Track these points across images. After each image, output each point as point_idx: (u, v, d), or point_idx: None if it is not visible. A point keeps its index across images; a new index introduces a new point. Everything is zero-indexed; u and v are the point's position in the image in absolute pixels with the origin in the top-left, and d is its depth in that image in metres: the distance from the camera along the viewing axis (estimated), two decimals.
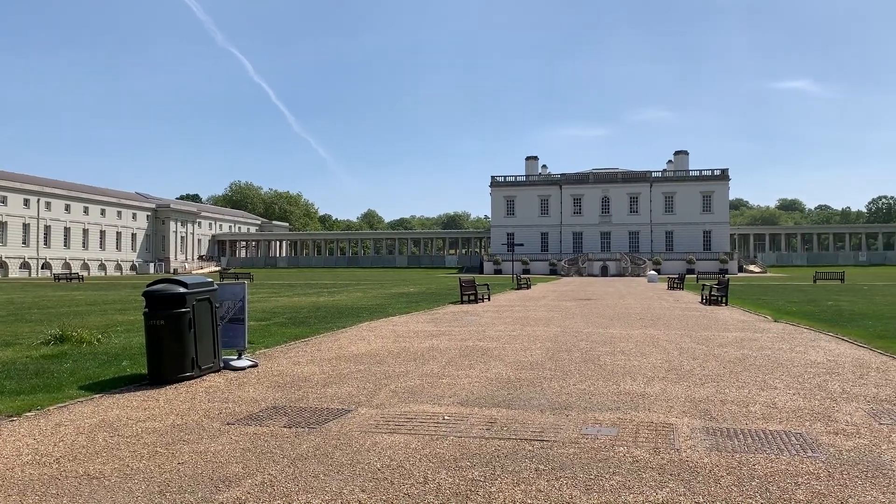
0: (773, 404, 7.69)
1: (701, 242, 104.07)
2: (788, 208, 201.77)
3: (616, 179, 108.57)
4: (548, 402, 7.84)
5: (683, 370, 10.14)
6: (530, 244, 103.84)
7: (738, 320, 19.02)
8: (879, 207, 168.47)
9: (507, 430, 6.54)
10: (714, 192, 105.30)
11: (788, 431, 6.45)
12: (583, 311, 23.01)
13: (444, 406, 7.66)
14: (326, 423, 6.86)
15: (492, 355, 11.79)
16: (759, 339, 14.29)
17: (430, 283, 52.03)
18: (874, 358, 11.37)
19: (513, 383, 9.05)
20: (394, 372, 10.03)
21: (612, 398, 8.04)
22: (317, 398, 8.17)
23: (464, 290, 27.77)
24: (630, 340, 14.04)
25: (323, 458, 5.69)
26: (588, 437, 6.27)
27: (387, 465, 5.48)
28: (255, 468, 5.41)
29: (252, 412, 7.43)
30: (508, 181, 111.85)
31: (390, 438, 6.27)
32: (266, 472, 5.32)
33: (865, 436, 6.30)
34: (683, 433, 6.39)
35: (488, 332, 15.83)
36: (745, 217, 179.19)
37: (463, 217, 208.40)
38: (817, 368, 10.26)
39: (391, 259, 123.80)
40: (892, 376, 9.53)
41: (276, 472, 5.30)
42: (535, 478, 5.10)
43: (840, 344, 13.32)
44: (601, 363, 10.84)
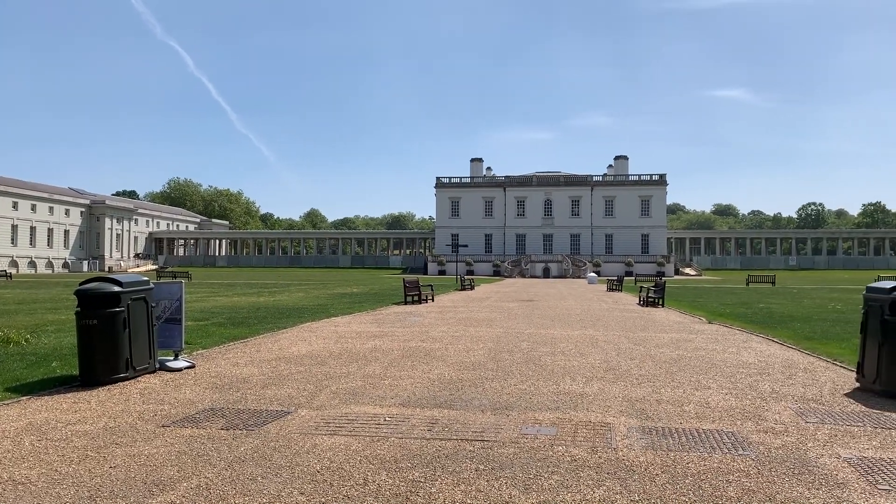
0: (706, 404, 7.91)
1: (639, 245, 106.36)
2: (723, 213, 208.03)
3: (559, 183, 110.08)
4: (489, 402, 7.89)
5: (621, 370, 10.35)
6: (474, 245, 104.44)
7: (674, 322, 19.51)
8: (809, 214, 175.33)
9: (448, 430, 6.57)
10: (652, 197, 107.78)
11: (721, 430, 6.64)
12: (525, 312, 23.25)
13: (386, 407, 7.64)
14: (265, 425, 6.76)
15: (434, 356, 11.81)
16: (694, 340, 14.68)
17: (373, 284, 51.78)
18: (802, 359, 11.82)
19: (455, 384, 9.08)
20: (335, 373, 9.95)
21: (551, 398, 8.15)
22: (256, 400, 8.04)
23: (407, 291, 27.74)
24: (570, 341, 14.25)
25: (261, 460, 5.60)
26: (528, 436, 6.34)
27: (326, 466, 5.43)
28: (190, 471, 5.30)
29: (188, 414, 7.27)
30: (453, 182, 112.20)
31: (330, 440, 6.22)
32: (202, 475, 5.21)
33: (793, 434, 6.54)
34: (620, 432, 6.52)
35: (431, 332, 15.85)
36: (681, 221, 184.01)
37: (408, 217, 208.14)
38: (749, 369, 10.60)
39: (334, 259, 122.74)
40: (819, 377, 9.92)
41: (213, 475, 5.20)
42: (475, 478, 5.13)
43: (770, 345, 13.79)
44: (542, 363, 10.97)
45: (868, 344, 8.62)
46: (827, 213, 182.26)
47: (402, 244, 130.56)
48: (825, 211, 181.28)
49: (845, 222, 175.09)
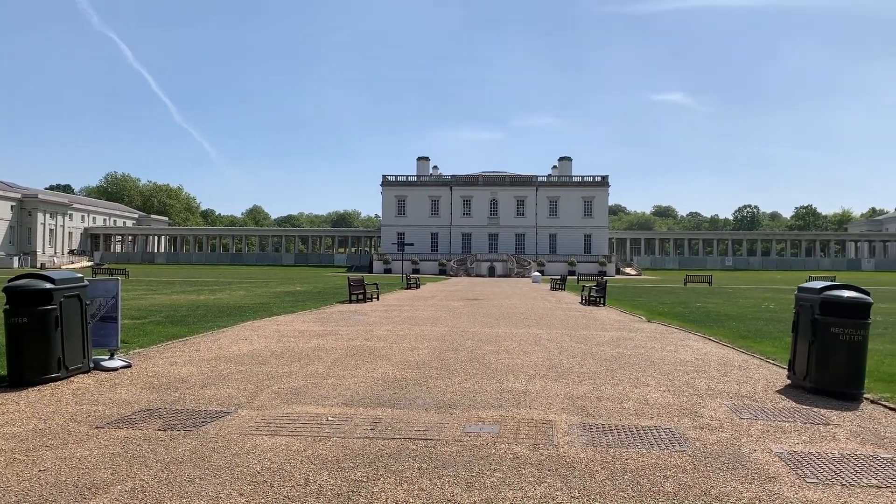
0: (645, 401, 8.08)
1: (582, 245, 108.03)
2: (663, 214, 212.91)
3: (504, 183, 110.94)
4: (433, 401, 7.90)
5: (563, 368, 10.49)
6: (420, 244, 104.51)
7: (615, 320, 19.87)
8: (744, 216, 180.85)
9: (391, 429, 6.54)
10: (595, 198, 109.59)
11: (659, 426, 6.79)
12: (470, 310, 23.35)
13: (329, 407, 7.56)
14: (204, 426, 6.62)
15: (379, 355, 11.75)
16: (634, 338, 14.98)
17: (317, 282, 51.26)
18: (737, 356, 12.18)
19: (399, 383, 9.06)
20: (277, 372, 9.80)
21: (495, 396, 8.20)
22: (194, 400, 7.87)
23: (352, 290, 27.55)
24: (514, 339, 14.37)
25: (199, 461, 5.48)
26: (471, 434, 6.36)
27: (267, 467, 5.35)
28: (125, 474, 5.15)
29: (124, 415, 7.06)
30: (400, 181, 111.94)
31: (271, 440, 6.13)
32: (137, 477, 5.07)
33: (728, 430, 6.73)
34: (562, 429, 6.60)
35: (376, 331, 15.77)
36: (623, 222, 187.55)
37: (353, 215, 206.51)
38: (686, 366, 10.87)
39: (277, 257, 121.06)
40: (753, 374, 10.23)
41: (149, 478, 5.06)
42: (417, 477, 5.12)
43: (707, 343, 14.17)
44: (486, 362, 11.03)
45: (799, 342, 8.93)
46: (761, 216, 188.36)
47: (347, 242, 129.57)
48: (760, 213, 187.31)
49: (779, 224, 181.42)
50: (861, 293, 8.47)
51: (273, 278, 60.21)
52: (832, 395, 8.29)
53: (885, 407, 7.84)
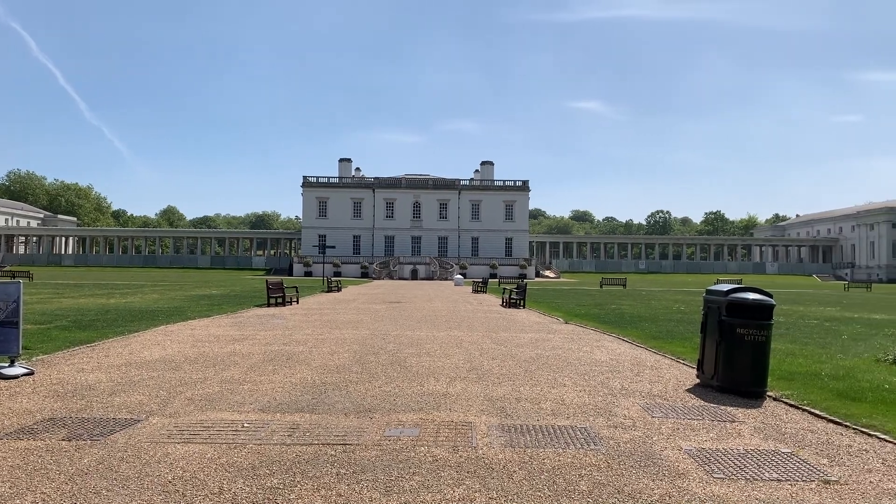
0: (562, 401, 8.24)
1: (503, 249, 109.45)
2: (580, 219, 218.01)
3: (427, 186, 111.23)
4: (352, 405, 7.82)
5: (483, 370, 10.58)
6: (342, 246, 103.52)
7: (534, 322, 20.21)
8: (657, 220, 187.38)
9: (309, 435, 6.44)
10: (516, 202, 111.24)
11: (575, 426, 6.94)
12: (392, 313, 23.28)
13: (245, 413, 7.39)
14: (112, 435, 6.35)
15: (298, 359, 11.56)
16: (552, 339, 15.27)
17: (234, 285, 50.05)
18: (649, 357, 12.58)
19: (318, 387, 8.93)
20: (191, 378, 9.51)
21: (415, 399, 8.19)
22: (102, 408, 7.54)
23: (271, 293, 27.02)
24: (436, 342, 14.41)
25: (107, 472, 5.25)
26: (391, 438, 6.34)
27: (179, 476, 5.17)
28: (25, 487, 4.88)
29: (25, 425, 6.69)
30: (321, 182, 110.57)
31: (184, 448, 5.93)
32: (39, 490, 4.82)
33: (640, 428, 6.94)
34: (481, 431, 6.66)
35: (295, 335, 15.52)
36: (542, 226, 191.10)
37: (272, 217, 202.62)
38: (601, 367, 11.16)
39: (193, 259, 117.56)
40: (664, 374, 10.59)
41: (51, 490, 4.81)
42: (335, 482, 5.06)
43: (621, 344, 14.59)
44: (407, 365, 11.02)
45: (707, 343, 9.30)
46: (673, 221, 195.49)
47: (266, 244, 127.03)
48: (672, 218, 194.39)
49: (689, 229, 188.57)
50: (764, 295, 8.89)
51: (188, 281, 58.43)
52: (738, 393, 8.67)
53: (786, 404, 8.25)
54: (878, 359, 11.89)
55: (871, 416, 7.47)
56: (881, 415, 7.53)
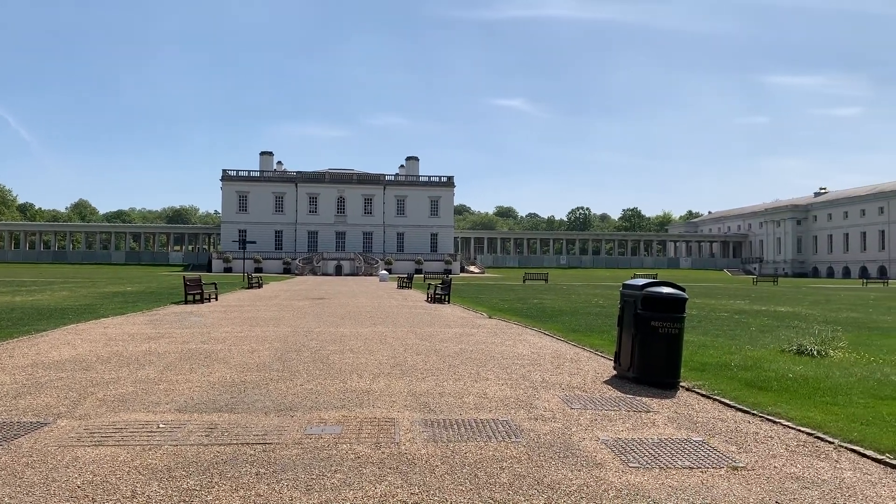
0: (484, 395, 8.33)
1: (429, 244, 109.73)
2: (504, 215, 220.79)
3: (352, 181, 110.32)
4: (273, 403, 7.69)
5: (407, 365, 10.58)
6: (264, 242, 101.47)
7: (459, 317, 20.35)
8: (577, 217, 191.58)
9: (228, 434, 6.29)
10: (441, 198, 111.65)
11: (497, 419, 7.02)
12: (315, 310, 22.99)
13: (160, 413, 7.15)
14: (17, 439, 6.04)
15: (216, 358, 11.28)
16: (476, 334, 15.41)
17: (151, 282, 48.40)
18: (569, 350, 12.86)
19: (237, 386, 8.74)
20: (102, 379, 9.14)
21: (338, 396, 8.12)
22: (6, 411, 7.16)
23: (189, 289, 26.26)
24: (359, 338, 14.31)
25: (10, 478, 4.99)
26: (312, 436, 6.26)
27: (89, 481, 4.97)
28: None
29: None
30: (242, 176, 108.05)
31: (94, 452, 5.70)
32: None
33: (560, 420, 7.08)
34: (404, 427, 6.66)
35: (214, 333, 15.13)
36: (467, 222, 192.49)
37: (190, 211, 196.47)
38: (523, 360, 11.33)
39: (106, 255, 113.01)
40: (583, 366, 10.84)
41: None
42: (255, 482, 4.97)
43: (542, 338, 14.85)
44: (330, 362, 10.90)
45: (624, 335, 9.57)
46: (593, 217, 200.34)
47: (183, 240, 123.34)
48: (591, 214, 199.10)
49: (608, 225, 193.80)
50: (678, 289, 9.21)
51: (101, 278, 56.16)
52: (653, 384, 8.96)
53: (698, 394, 8.58)
54: (783, 349, 12.50)
55: (776, 404, 7.85)
56: (785, 403, 7.92)
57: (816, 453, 5.96)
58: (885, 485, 5.13)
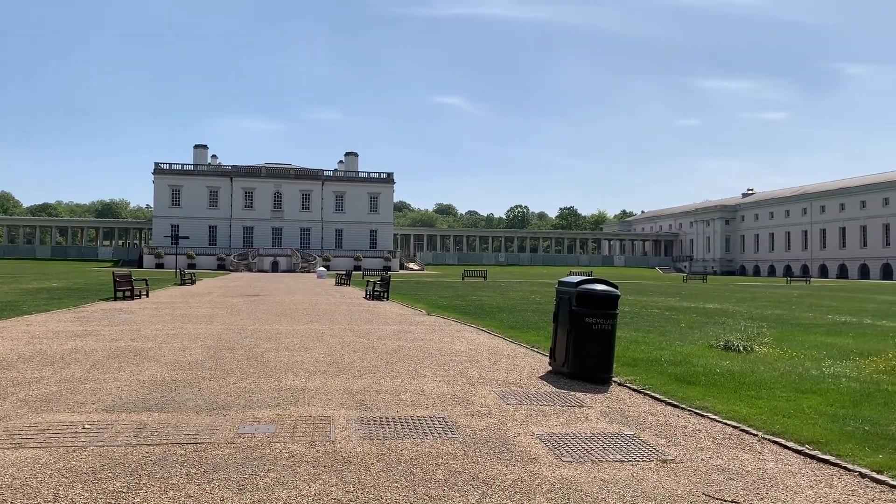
0: (421, 391, 8.34)
1: (368, 241, 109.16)
2: (444, 212, 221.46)
3: (289, 175, 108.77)
4: (205, 402, 7.52)
5: (344, 363, 10.51)
6: (197, 237, 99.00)
7: (397, 314, 20.32)
8: (516, 215, 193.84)
9: (157, 435, 6.13)
10: (381, 194, 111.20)
11: (433, 416, 7.04)
12: (250, 307, 22.61)
13: (86, 414, 6.91)
14: None
15: (146, 356, 10.97)
16: (414, 331, 15.42)
17: (78, 278, 46.71)
18: (506, 346, 12.99)
19: (168, 385, 8.52)
20: (24, 378, 8.78)
21: (272, 395, 8.00)
22: None
23: (118, 286, 25.45)
24: (295, 336, 14.14)
25: None
26: (245, 435, 6.15)
27: (7, 484, 4.76)
28: None
29: None
30: (175, 169, 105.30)
31: (15, 454, 5.46)
32: None
33: (495, 416, 7.14)
34: (340, 424, 6.61)
35: (144, 330, 14.71)
36: (407, 219, 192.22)
37: (121, 205, 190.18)
38: (461, 357, 11.39)
39: (30, 249, 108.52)
40: (519, 362, 10.97)
41: None
42: (185, 483, 4.85)
43: (480, 334, 14.96)
44: (264, 360, 10.74)
45: (559, 332, 9.72)
46: (531, 215, 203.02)
47: (113, 234, 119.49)
48: (529, 213, 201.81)
49: (545, 223, 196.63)
50: (611, 287, 9.42)
51: (24, 273, 53.92)
52: (587, 379, 9.13)
53: (630, 389, 8.79)
54: (711, 345, 12.92)
55: (704, 398, 8.11)
56: (713, 397, 8.18)
57: (741, 445, 6.18)
58: (804, 474, 5.35)
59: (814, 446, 6.04)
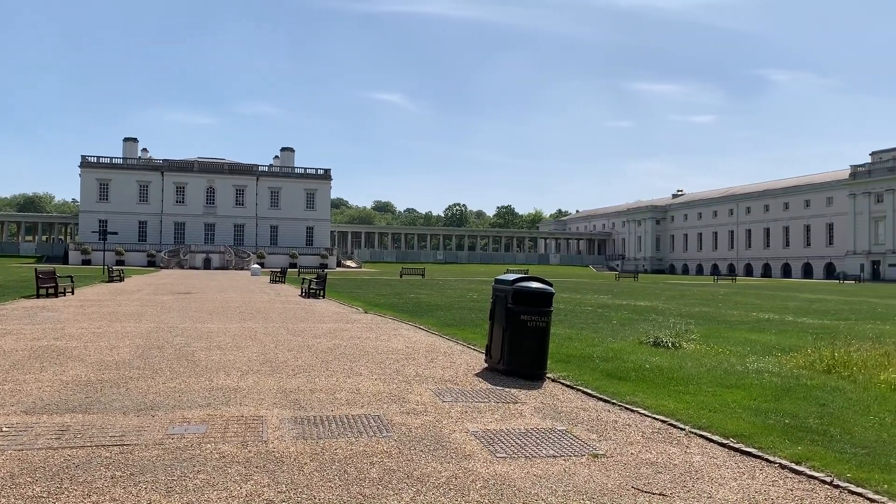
0: (357, 390, 8.28)
1: (304, 238, 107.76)
2: (382, 210, 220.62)
3: (223, 170, 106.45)
4: (133, 403, 7.29)
5: (278, 362, 10.35)
6: (127, 233, 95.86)
7: (333, 312, 20.13)
8: (454, 213, 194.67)
9: (81, 437, 5.91)
10: (317, 191, 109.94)
11: (368, 415, 7.00)
12: (181, 305, 22.04)
13: (4, 416, 6.61)
14: None
15: (70, 356, 10.57)
16: (350, 329, 15.31)
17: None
18: (443, 343, 13.03)
19: (93, 385, 8.23)
20: None
21: (203, 394, 7.82)
22: None
23: (41, 283, 24.44)
24: (228, 334, 13.86)
25: None
26: (174, 436, 5.99)
27: None
28: None
29: None
30: (103, 163, 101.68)
31: None
32: None
33: (431, 413, 7.16)
34: (273, 424, 6.51)
35: (68, 329, 14.17)
36: (345, 216, 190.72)
37: (45, 199, 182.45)
38: (397, 355, 11.37)
39: None
40: (456, 359, 11.02)
41: None
42: (110, 486, 4.69)
43: (417, 332, 14.96)
44: (195, 359, 10.48)
45: (495, 329, 9.80)
46: (469, 213, 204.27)
47: (37, 229, 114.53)
48: (468, 211, 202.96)
49: (483, 222, 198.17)
50: (546, 284, 9.55)
51: None
52: (522, 376, 9.24)
53: (563, 385, 8.93)
54: (642, 341, 13.24)
55: (634, 393, 8.30)
56: (642, 392, 8.39)
57: (669, 439, 6.36)
58: (728, 467, 5.54)
59: (737, 439, 6.25)
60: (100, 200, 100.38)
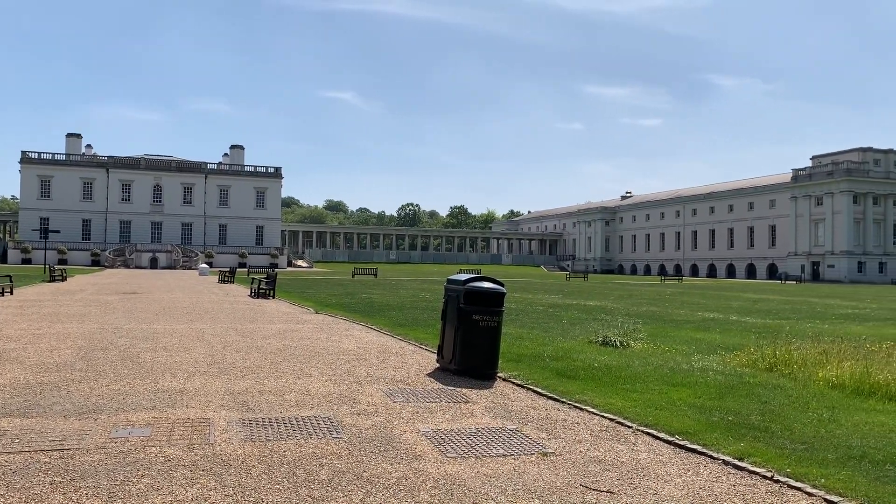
0: (307, 391, 8.20)
1: (254, 237, 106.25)
2: (334, 209, 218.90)
3: (170, 168, 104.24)
4: (74, 406, 7.08)
5: (226, 363, 10.18)
6: (69, 231, 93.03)
7: (284, 312, 19.90)
8: (407, 213, 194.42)
9: (19, 442, 5.72)
10: (268, 189, 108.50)
11: (318, 416, 6.94)
12: (126, 305, 21.51)
13: None
14: None
15: (8, 357, 10.22)
16: (301, 329, 15.15)
17: None
18: (395, 344, 12.99)
19: (32, 388, 7.96)
20: None
21: (148, 397, 7.64)
22: None
23: None
24: (174, 335, 13.57)
25: None
26: (118, 440, 5.85)
27: None
28: None
29: None
30: (44, 159, 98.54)
31: None
32: None
33: (382, 414, 7.13)
34: (220, 427, 6.40)
35: (6, 330, 13.69)
36: (296, 215, 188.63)
37: None
38: (349, 355, 11.29)
39: None
40: (408, 360, 11.00)
41: None
42: (49, 493, 4.55)
43: (369, 332, 14.89)
44: (140, 361, 10.24)
45: (447, 329, 9.81)
46: (422, 213, 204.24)
47: None
48: (421, 211, 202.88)
49: (437, 222, 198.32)
50: (497, 284, 9.61)
51: None
52: (473, 375, 9.27)
53: (514, 384, 9.00)
54: (591, 341, 13.42)
55: (583, 392, 8.41)
56: (591, 391, 8.50)
57: (617, 437, 6.46)
58: (674, 464, 5.66)
59: (683, 437, 6.39)
60: (41, 198, 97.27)
